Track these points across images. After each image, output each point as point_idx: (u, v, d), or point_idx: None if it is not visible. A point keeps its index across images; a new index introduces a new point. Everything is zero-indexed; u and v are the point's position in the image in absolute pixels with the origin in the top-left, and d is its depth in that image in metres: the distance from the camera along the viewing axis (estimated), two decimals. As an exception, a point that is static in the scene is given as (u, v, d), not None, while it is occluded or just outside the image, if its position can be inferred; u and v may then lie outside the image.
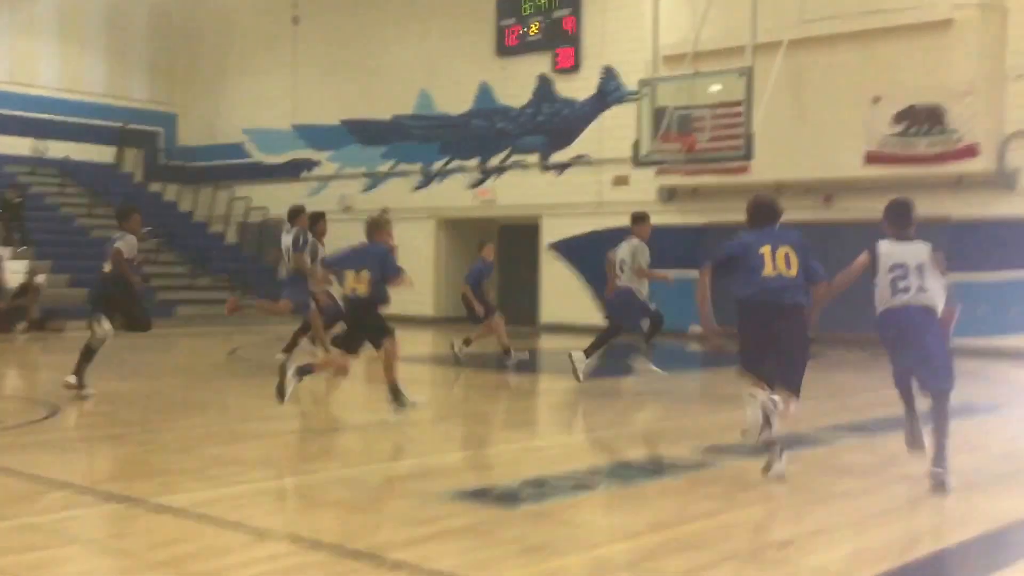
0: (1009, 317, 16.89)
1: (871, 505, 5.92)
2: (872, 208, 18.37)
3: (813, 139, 18.00)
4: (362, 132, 25.40)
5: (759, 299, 6.44)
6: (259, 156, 27.45)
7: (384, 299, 8.72)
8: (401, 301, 26.46)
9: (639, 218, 11.98)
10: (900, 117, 17.32)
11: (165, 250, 23.55)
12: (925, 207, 17.36)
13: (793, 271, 6.47)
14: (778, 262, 6.45)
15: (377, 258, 8.59)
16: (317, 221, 13.52)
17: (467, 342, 14.13)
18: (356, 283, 8.54)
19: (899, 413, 9.57)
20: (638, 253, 11.53)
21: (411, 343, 19.56)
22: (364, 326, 8.68)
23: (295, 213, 13.38)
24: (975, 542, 5.16)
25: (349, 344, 8.77)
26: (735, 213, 19.91)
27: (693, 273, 18.57)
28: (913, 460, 7.52)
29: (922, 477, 6.81)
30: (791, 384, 6.49)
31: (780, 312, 6.41)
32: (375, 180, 25.19)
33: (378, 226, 8.93)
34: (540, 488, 6.13)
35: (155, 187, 27.44)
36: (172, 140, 28.93)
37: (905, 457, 7.63)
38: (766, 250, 6.48)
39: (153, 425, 8.78)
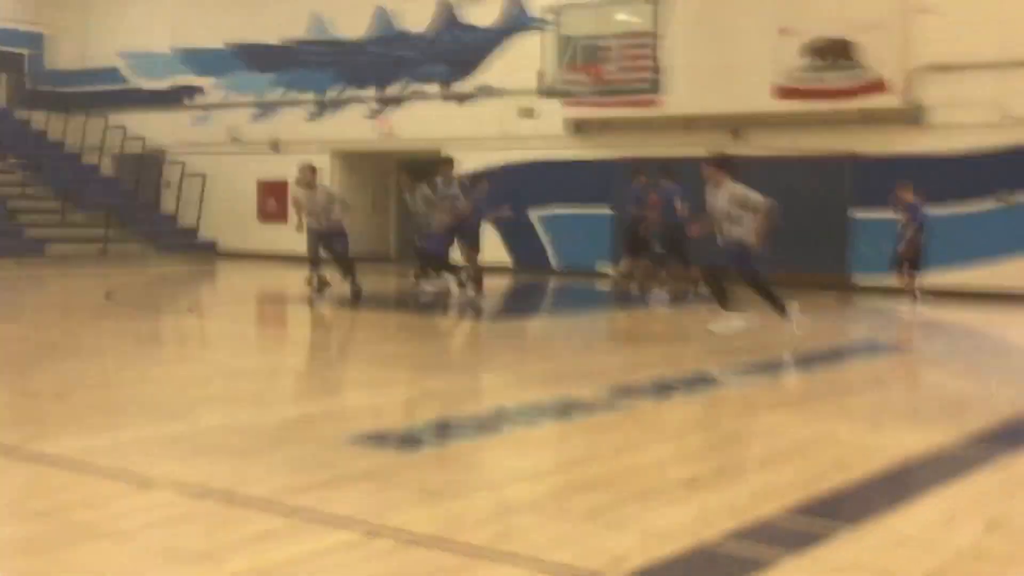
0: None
1: (776, 442, 5.91)
2: (781, 144, 18.50)
3: (722, 72, 17.88)
4: (250, 57, 24.34)
5: None
6: (137, 81, 26.05)
7: None
8: (289, 239, 25.44)
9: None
10: (808, 50, 17.31)
11: (34, 183, 22.33)
12: (833, 142, 17.71)
13: None
14: None
15: None
16: None
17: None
18: None
19: (807, 352, 9.64)
20: None
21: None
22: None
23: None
24: (878, 477, 5.17)
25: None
26: (647, 147, 19.82)
27: (604, 209, 18.32)
28: (818, 398, 7.57)
29: (828, 415, 6.86)
30: None
31: None
32: (265, 109, 24.25)
33: None
34: (443, 431, 5.96)
35: (22, 114, 25.71)
36: (40, 63, 27.02)
37: (810, 395, 7.68)
38: None
39: (24, 369, 8.32)
